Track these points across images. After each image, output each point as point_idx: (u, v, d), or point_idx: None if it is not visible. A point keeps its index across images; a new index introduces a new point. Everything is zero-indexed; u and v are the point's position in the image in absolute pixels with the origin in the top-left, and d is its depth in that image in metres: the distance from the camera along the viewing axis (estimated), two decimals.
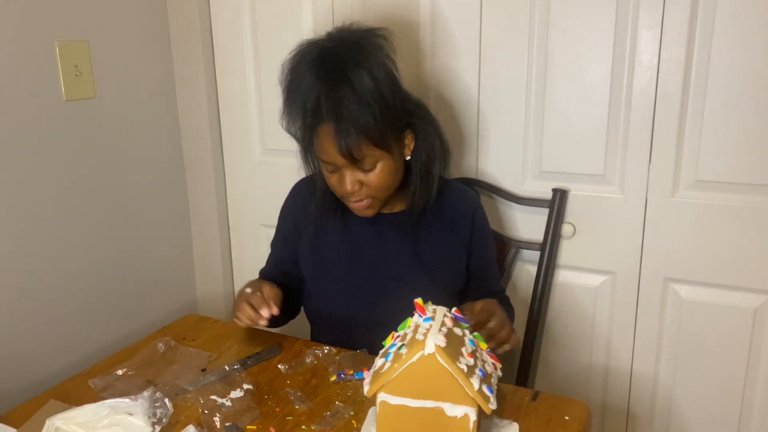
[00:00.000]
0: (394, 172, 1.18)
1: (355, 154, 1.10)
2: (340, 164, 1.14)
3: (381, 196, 1.19)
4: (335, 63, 1.11)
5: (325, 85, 1.10)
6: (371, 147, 1.12)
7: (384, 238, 1.27)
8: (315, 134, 1.15)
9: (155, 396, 1.00)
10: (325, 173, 1.20)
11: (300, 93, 1.13)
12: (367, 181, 1.16)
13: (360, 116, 1.09)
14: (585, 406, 1.03)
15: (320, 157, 1.17)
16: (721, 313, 1.36)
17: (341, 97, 1.09)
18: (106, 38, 1.56)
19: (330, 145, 1.12)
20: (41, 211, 1.45)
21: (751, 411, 1.38)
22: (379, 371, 0.87)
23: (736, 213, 1.30)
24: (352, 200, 1.19)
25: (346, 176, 1.15)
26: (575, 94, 1.38)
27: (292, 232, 1.34)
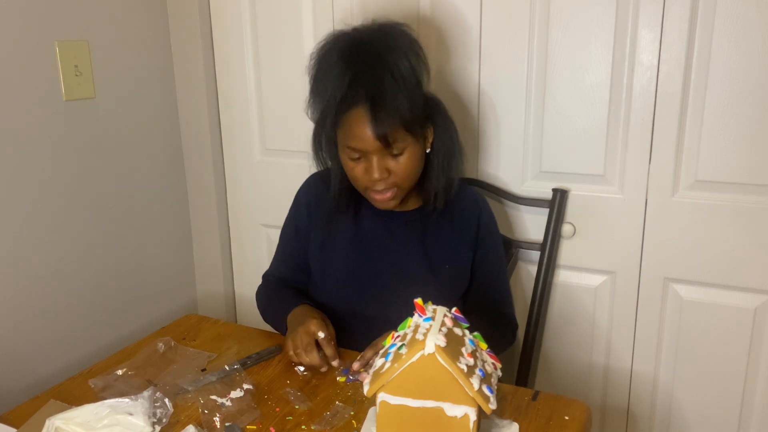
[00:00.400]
0: (419, 162, 1.19)
1: (389, 137, 1.10)
2: (370, 150, 1.13)
3: (405, 186, 1.19)
4: (369, 48, 1.12)
5: (360, 67, 1.11)
6: (403, 132, 1.12)
7: (394, 235, 1.28)
8: (343, 120, 1.14)
9: (155, 396, 1.00)
10: (347, 164, 1.18)
11: (332, 77, 1.13)
12: (395, 169, 1.15)
13: (397, 98, 1.09)
14: (585, 406, 1.03)
15: (348, 144, 1.15)
16: (721, 313, 1.36)
17: (379, 79, 1.10)
18: (106, 38, 1.56)
19: (362, 129, 1.11)
20: (41, 211, 1.45)
21: (751, 411, 1.38)
22: (379, 371, 0.87)
23: (736, 213, 1.30)
24: (377, 189, 1.17)
25: (374, 163, 1.14)
26: (575, 94, 1.38)
27: (307, 225, 1.33)
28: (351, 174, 1.19)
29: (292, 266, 1.36)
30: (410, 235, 1.28)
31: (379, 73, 1.10)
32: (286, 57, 1.66)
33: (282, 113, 1.72)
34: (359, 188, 1.21)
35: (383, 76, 1.10)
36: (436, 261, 1.27)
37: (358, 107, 1.11)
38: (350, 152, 1.16)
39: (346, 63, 1.12)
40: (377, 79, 1.10)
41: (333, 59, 1.14)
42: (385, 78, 1.10)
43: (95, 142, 1.56)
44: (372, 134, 1.11)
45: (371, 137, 1.11)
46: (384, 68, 1.10)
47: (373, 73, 1.10)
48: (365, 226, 1.29)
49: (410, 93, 1.12)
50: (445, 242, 1.28)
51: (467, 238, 1.29)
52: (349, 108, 1.12)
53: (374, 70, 1.10)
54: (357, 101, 1.11)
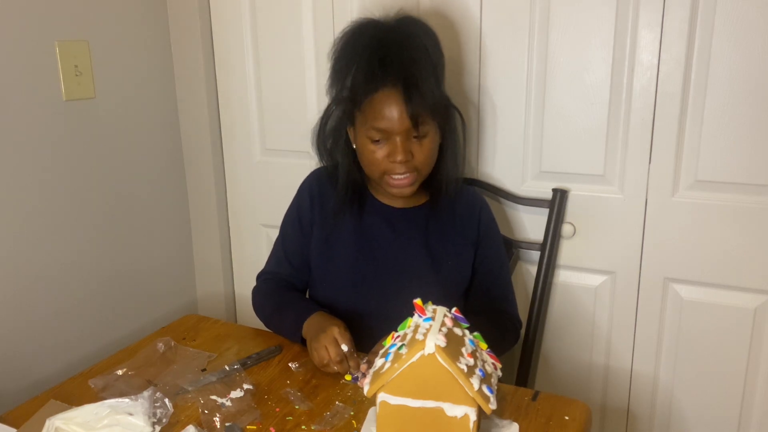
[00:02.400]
0: (436, 150, 1.20)
1: (420, 118, 1.12)
2: (397, 130, 1.13)
3: (424, 172, 1.20)
4: (400, 31, 1.15)
5: (391, 48, 1.12)
6: (429, 116, 1.14)
7: (397, 232, 1.28)
8: (371, 100, 1.13)
9: (155, 396, 1.00)
10: (366, 147, 1.17)
11: (360, 57, 1.14)
12: (417, 152, 1.16)
13: (429, 81, 1.11)
14: (585, 406, 1.03)
15: (374, 125, 1.14)
16: (721, 313, 1.36)
17: (411, 59, 1.11)
18: (106, 38, 1.56)
19: (391, 109, 1.11)
20: (41, 211, 1.45)
21: (751, 411, 1.38)
22: (379, 371, 0.87)
23: (736, 213, 1.30)
24: (398, 173, 1.17)
25: (398, 145, 1.14)
26: (575, 94, 1.38)
27: (310, 220, 1.31)
28: (370, 157, 1.17)
29: (296, 264, 1.33)
30: (413, 231, 1.28)
31: (412, 54, 1.12)
32: (286, 57, 1.66)
33: (282, 113, 1.72)
34: (376, 173, 1.19)
35: (416, 58, 1.11)
36: (438, 257, 1.27)
37: (388, 87, 1.12)
38: (374, 134, 1.15)
39: (377, 43, 1.13)
40: (410, 60, 1.11)
41: (363, 41, 1.15)
42: (417, 59, 1.11)
43: (95, 142, 1.56)
44: (403, 114, 1.11)
45: (402, 117, 1.11)
46: (416, 50, 1.12)
47: (405, 54, 1.12)
48: (368, 223, 1.28)
49: (438, 78, 1.15)
50: (448, 239, 1.29)
51: (469, 235, 1.30)
52: (378, 88, 1.12)
53: (407, 51, 1.12)
54: (387, 81, 1.12)
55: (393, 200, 1.29)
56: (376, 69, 1.12)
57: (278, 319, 1.28)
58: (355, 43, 1.16)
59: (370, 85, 1.13)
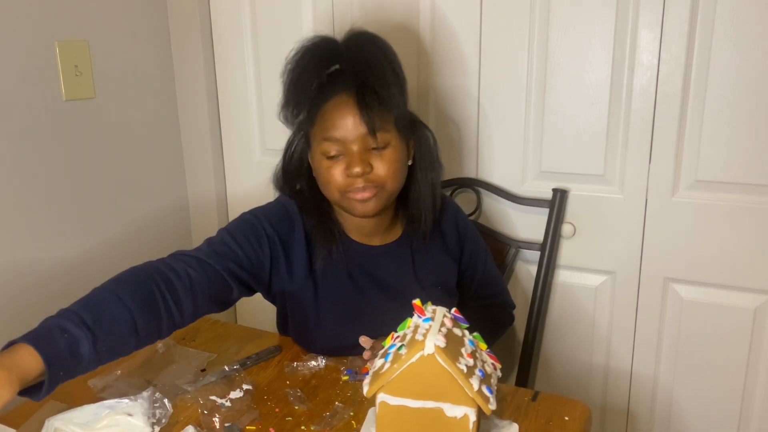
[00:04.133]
0: (402, 165, 1.10)
1: (377, 122, 1.02)
2: (351, 139, 1.03)
3: (388, 187, 1.08)
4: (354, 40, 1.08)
5: (342, 56, 1.06)
6: (389, 123, 1.05)
7: (384, 271, 1.19)
8: (321, 111, 1.05)
9: (154, 396, 1.00)
10: (321, 165, 1.07)
11: (312, 67, 1.06)
12: (377, 164, 1.05)
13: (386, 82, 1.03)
14: (585, 406, 1.03)
15: (326, 136, 1.05)
16: (721, 313, 1.36)
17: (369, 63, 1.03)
18: (106, 38, 1.56)
19: (344, 115, 1.03)
20: (41, 211, 1.45)
21: (751, 411, 1.38)
22: (379, 372, 0.87)
23: (736, 213, 1.30)
24: (356, 187, 1.05)
25: (355, 155, 1.04)
26: (575, 94, 1.38)
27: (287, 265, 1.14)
28: (326, 175, 1.07)
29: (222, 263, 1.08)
30: (400, 267, 1.20)
31: (367, 58, 1.04)
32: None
33: None
34: (336, 194, 1.08)
35: (371, 63, 1.03)
36: (427, 287, 1.22)
37: (341, 94, 1.04)
38: (328, 147, 1.05)
39: (328, 56, 1.06)
40: (364, 64, 1.04)
41: (312, 53, 1.07)
42: (373, 64, 1.03)
43: (95, 142, 1.56)
44: (356, 119, 1.02)
45: (356, 123, 1.02)
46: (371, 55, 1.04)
47: (359, 57, 1.04)
48: (354, 270, 1.17)
49: (400, 84, 1.06)
50: (435, 265, 1.24)
51: (452, 251, 1.27)
52: (330, 97, 1.05)
53: (361, 55, 1.04)
54: (338, 89, 1.05)
55: (370, 239, 1.19)
56: (324, 79, 1.06)
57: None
58: (304, 58, 1.07)
59: (320, 96, 1.05)
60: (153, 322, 0.96)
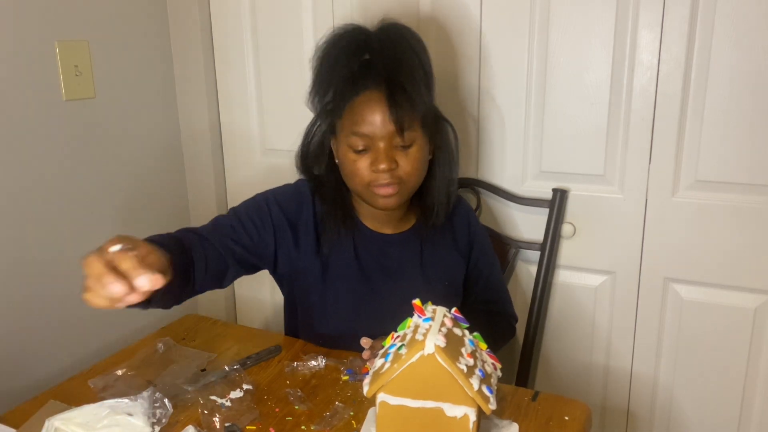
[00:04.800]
0: (425, 163, 1.12)
1: (405, 121, 1.04)
2: (380, 135, 1.05)
3: (410, 184, 1.11)
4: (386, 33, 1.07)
5: (376, 49, 1.06)
6: (417, 123, 1.06)
7: (392, 259, 1.22)
8: (351, 104, 1.06)
9: (155, 396, 1.00)
10: (347, 157, 1.09)
11: (342, 60, 1.06)
12: (403, 161, 1.07)
13: (417, 83, 1.04)
14: (585, 406, 1.03)
15: (354, 130, 1.06)
16: (721, 313, 1.36)
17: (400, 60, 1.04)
18: (106, 38, 1.56)
19: (373, 112, 1.04)
20: (41, 211, 1.45)
21: (751, 411, 1.38)
22: (379, 371, 0.87)
23: (736, 213, 1.30)
24: (381, 182, 1.07)
25: (381, 152, 1.05)
26: (575, 94, 1.38)
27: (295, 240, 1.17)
28: (352, 168, 1.09)
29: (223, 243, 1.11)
30: (408, 256, 1.22)
31: (398, 55, 1.04)
32: (286, 57, 1.66)
33: (282, 113, 1.72)
34: (359, 186, 1.10)
35: (402, 59, 1.04)
36: (434, 280, 1.23)
37: (372, 90, 1.05)
38: (355, 141, 1.07)
39: (358, 46, 1.07)
40: (395, 61, 1.04)
41: (342, 44, 1.07)
42: (404, 61, 1.04)
43: (95, 142, 1.56)
44: (386, 118, 1.03)
45: (385, 121, 1.04)
46: (403, 52, 1.05)
47: (390, 54, 1.04)
48: (362, 255, 1.20)
49: (429, 86, 1.07)
50: (442, 259, 1.25)
51: (461, 248, 1.28)
52: (359, 92, 1.06)
53: (392, 52, 1.05)
54: (369, 84, 1.05)
55: (383, 226, 1.22)
56: (356, 72, 1.06)
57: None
58: (335, 48, 1.08)
59: (350, 89, 1.06)
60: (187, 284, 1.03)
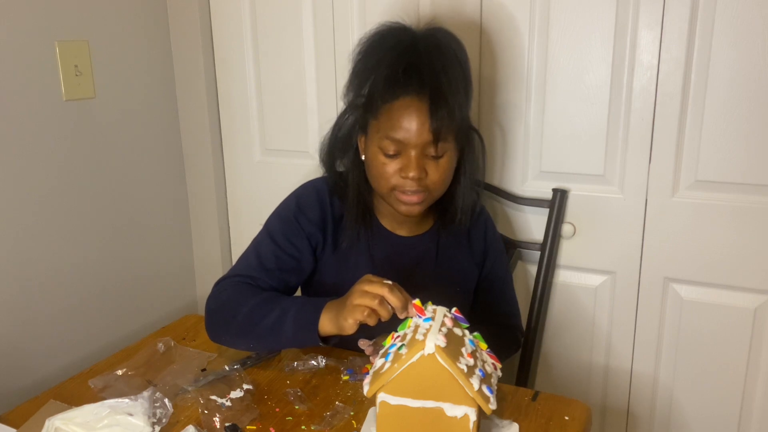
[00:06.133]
0: (452, 173, 1.11)
1: (442, 133, 1.02)
2: (414, 143, 1.04)
3: (436, 194, 1.11)
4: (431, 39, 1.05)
5: (420, 55, 1.03)
6: (452, 134, 1.05)
7: (406, 261, 1.22)
8: (389, 107, 1.04)
9: (155, 396, 1.00)
10: (377, 159, 1.07)
11: (385, 60, 1.04)
12: (432, 171, 1.07)
13: (459, 94, 1.03)
14: (585, 406, 1.03)
15: (389, 135, 1.04)
16: (721, 313, 1.36)
17: (446, 69, 1.02)
18: (106, 38, 1.56)
19: (411, 119, 1.02)
20: (41, 211, 1.45)
21: (751, 411, 1.38)
22: (379, 371, 0.87)
23: (736, 213, 1.30)
24: (407, 189, 1.07)
25: (412, 159, 1.04)
26: (575, 94, 1.38)
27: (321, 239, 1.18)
28: (380, 170, 1.07)
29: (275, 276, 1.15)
30: (422, 259, 1.22)
31: (444, 63, 1.03)
32: (286, 57, 1.66)
33: (282, 113, 1.72)
34: (384, 188, 1.10)
35: (447, 68, 1.03)
36: (448, 283, 1.24)
37: (411, 96, 1.03)
38: (388, 145, 1.05)
39: (404, 48, 1.04)
40: (441, 69, 1.02)
41: (389, 44, 1.06)
42: (449, 70, 1.02)
43: (95, 142, 1.56)
44: (424, 127, 1.02)
45: (422, 130, 1.02)
46: (449, 60, 1.03)
47: (436, 62, 1.03)
48: (377, 253, 1.20)
49: (468, 96, 1.07)
50: (456, 265, 1.26)
51: (475, 256, 1.29)
52: (399, 95, 1.04)
53: (438, 60, 1.03)
54: (410, 89, 1.03)
55: (400, 227, 1.22)
56: (399, 75, 1.04)
57: (268, 310, 1.05)
58: (380, 46, 1.06)
59: (390, 91, 1.04)
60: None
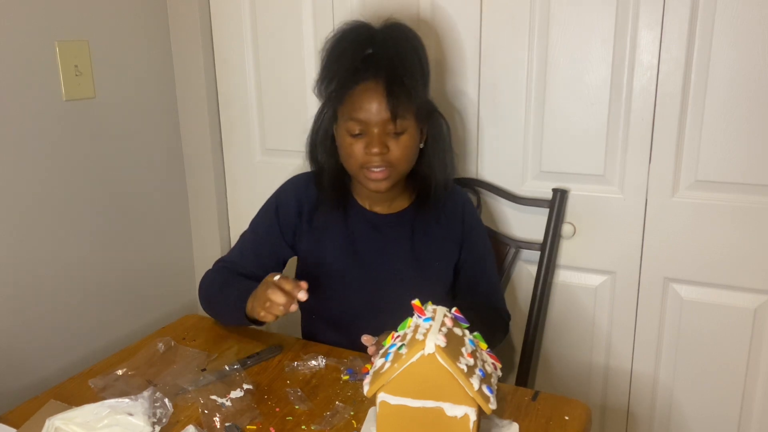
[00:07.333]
0: (415, 150, 1.22)
1: (399, 111, 1.14)
2: (375, 121, 1.15)
3: (400, 168, 1.20)
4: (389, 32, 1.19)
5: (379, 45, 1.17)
6: (410, 112, 1.16)
7: (383, 237, 1.29)
8: (351, 93, 1.16)
9: (155, 396, 1.00)
10: (345, 140, 1.19)
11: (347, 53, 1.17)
12: (394, 147, 1.17)
13: (414, 77, 1.15)
14: (585, 406, 1.03)
15: (352, 116, 1.16)
16: (721, 313, 1.36)
17: (400, 56, 1.15)
18: (106, 38, 1.56)
19: (370, 100, 1.14)
20: (41, 211, 1.45)
21: (751, 411, 1.38)
22: (379, 371, 0.87)
23: (736, 213, 1.30)
24: (372, 166, 1.17)
25: (375, 137, 1.16)
26: (575, 94, 1.38)
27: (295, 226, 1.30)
28: (348, 150, 1.19)
29: (260, 262, 1.30)
30: (399, 236, 1.29)
31: (399, 51, 1.16)
32: (286, 57, 1.66)
33: (282, 113, 1.72)
34: (354, 167, 1.20)
35: (402, 56, 1.15)
36: (424, 260, 1.29)
37: (370, 81, 1.15)
38: (352, 126, 1.17)
39: (363, 41, 1.18)
40: (396, 57, 1.15)
41: (350, 38, 1.18)
42: (404, 57, 1.15)
43: (95, 142, 1.56)
44: (381, 106, 1.13)
45: (380, 109, 1.14)
46: (403, 49, 1.16)
47: (391, 50, 1.16)
48: (355, 230, 1.29)
49: (425, 81, 1.19)
50: (433, 241, 1.30)
51: (453, 236, 1.32)
52: (359, 81, 1.16)
53: (393, 48, 1.16)
54: (368, 75, 1.15)
55: (376, 205, 1.30)
56: (359, 64, 1.16)
57: (222, 298, 1.25)
58: (342, 41, 1.19)
59: (351, 79, 1.16)
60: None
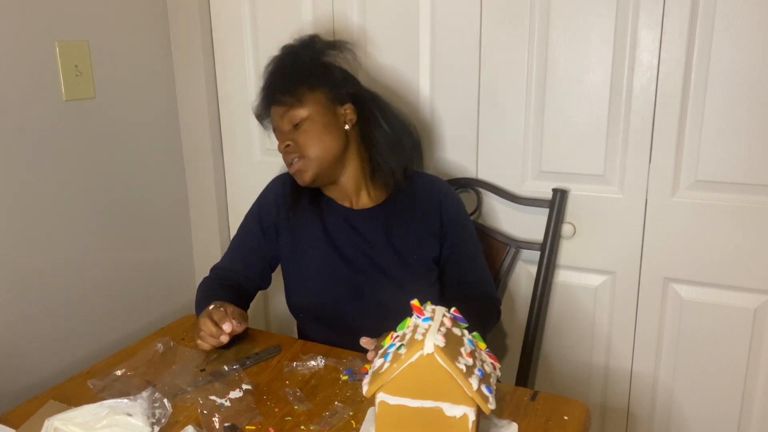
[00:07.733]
0: (319, 133, 1.27)
1: (286, 101, 1.25)
2: (278, 127, 1.28)
3: (312, 155, 1.25)
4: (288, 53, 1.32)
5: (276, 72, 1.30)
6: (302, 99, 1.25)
7: (359, 232, 1.31)
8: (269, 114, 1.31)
9: (154, 396, 1.00)
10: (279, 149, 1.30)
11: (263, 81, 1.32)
12: (296, 138, 1.26)
13: (291, 88, 1.26)
14: (584, 406, 1.03)
15: (273, 129, 1.31)
16: (721, 313, 1.36)
17: (277, 72, 1.30)
18: (106, 38, 1.56)
19: (272, 116, 1.29)
20: (41, 212, 1.45)
21: (751, 411, 1.38)
22: (378, 371, 0.87)
23: (736, 213, 1.30)
24: (289, 162, 1.28)
25: (281, 137, 1.28)
26: (575, 94, 1.38)
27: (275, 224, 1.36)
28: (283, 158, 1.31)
29: (248, 264, 1.38)
30: (375, 230, 1.32)
31: (276, 71, 1.30)
32: None
33: None
34: (289, 170, 1.30)
35: (278, 73, 1.29)
36: (403, 252, 1.30)
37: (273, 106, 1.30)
38: (276, 137, 1.31)
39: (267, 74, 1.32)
40: (275, 77, 1.29)
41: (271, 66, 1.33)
42: (281, 73, 1.29)
43: (95, 142, 1.56)
44: (281, 120, 1.26)
45: (277, 110, 1.27)
46: (285, 64, 1.29)
47: (274, 74, 1.30)
48: (330, 227, 1.33)
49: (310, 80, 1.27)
50: (410, 234, 1.31)
51: (431, 228, 1.32)
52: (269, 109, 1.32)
53: (276, 70, 1.30)
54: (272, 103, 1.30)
55: (350, 202, 1.34)
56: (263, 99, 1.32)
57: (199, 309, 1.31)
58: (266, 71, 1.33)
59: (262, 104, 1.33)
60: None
